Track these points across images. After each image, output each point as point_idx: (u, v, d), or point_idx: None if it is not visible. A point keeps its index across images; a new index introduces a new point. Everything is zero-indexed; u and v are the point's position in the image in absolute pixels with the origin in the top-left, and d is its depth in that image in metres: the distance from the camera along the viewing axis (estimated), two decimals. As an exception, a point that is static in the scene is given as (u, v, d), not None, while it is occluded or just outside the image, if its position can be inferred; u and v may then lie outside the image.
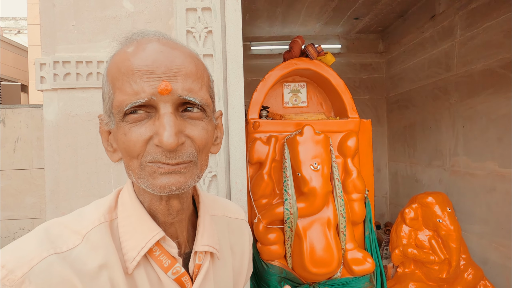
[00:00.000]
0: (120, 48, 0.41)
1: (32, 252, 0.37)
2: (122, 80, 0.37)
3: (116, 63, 0.39)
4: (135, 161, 0.39)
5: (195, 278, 0.45)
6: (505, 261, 2.02)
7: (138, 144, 0.38)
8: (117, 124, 0.39)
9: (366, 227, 1.74)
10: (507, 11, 1.97)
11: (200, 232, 0.47)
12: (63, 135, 1.02)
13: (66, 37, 1.03)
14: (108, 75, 0.40)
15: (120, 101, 0.37)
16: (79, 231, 0.40)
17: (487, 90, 2.15)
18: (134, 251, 0.41)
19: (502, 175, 2.04)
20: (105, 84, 0.40)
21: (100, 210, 0.43)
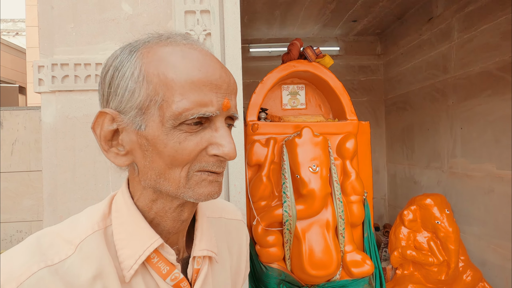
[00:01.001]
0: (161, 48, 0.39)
1: (22, 266, 0.36)
2: (189, 87, 0.36)
3: (176, 67, 0.37)
4: (178, 170, 0.38)
5: (194, 283, 0.45)
6: (504, 263, 2.03)
7: (193, 153, 0.38)
8: (167, 130, 0.37)
9: (365, 229, 1.74)
10: (503, 14, 1.98)
11: (198, 237, 0.47)
12: (61, 137, 1.02)
13: (65, 39, 1.03)
14: (156, 75, 0.37)
15: (184, 108, 0.36)
16: (71, 240, 0.39)
17: (484, 92, 2.16)
18: (132, 259, 0.40)
19: (500, 177, 2.05)
20: (143, 81, 0.37)
21: (94, 217, 0.42)
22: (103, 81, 0.40)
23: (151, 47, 0.39)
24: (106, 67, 0.40)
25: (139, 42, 0.40)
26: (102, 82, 0.41)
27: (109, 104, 0.40)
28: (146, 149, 0.38)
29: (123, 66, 0.38)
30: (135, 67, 0.38)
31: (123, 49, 0.40)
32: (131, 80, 0.38)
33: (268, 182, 1.64)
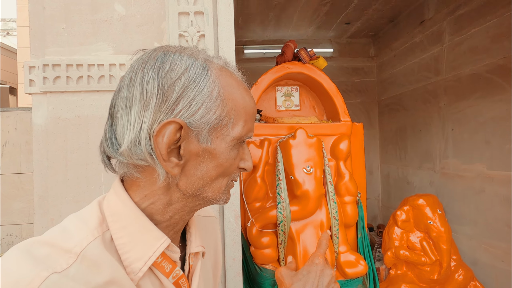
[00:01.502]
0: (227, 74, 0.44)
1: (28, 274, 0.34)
2: (248, 117, 0.44)
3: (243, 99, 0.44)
4: (221, 179, 0.44)
5: (190, 279, 0.48)
6: (494, 262, 2.06)
7: (236, 166, 0.45)
8: (230, 147, 0.43)
9: (359, 230, 1.75)
10: (493, 17, 2.03)
11: (193, 234, 0.50)
12: (52, 139, 1.00)
13: (56, 40, 1.02)
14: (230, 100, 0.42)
15: (245, 132, 0.44)
16: (70, 249, 0.37)
17: (474, 94, 2.20)
18: (140, 262, 0.40)
19: (490, 177, 2.09)
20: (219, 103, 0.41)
21: (90, 224, 0.40)
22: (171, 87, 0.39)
23: (220, 71, 0.43)
24: (175, 73, 0.40)
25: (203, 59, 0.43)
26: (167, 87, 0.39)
27: (175, 113, 0.39)
28: (203, 161, 0.42)
29: (200, 81, 0.40)
30: (214, 87, 0.41)
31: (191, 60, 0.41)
32: (209, 98, 0.41)
33: (262, 183, 1.64)
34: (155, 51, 0.42)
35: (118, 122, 0.41)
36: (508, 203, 1.95)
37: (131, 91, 0.40)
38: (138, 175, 0.42)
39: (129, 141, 0.39)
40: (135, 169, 0.42)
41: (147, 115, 0.39)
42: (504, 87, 1.97)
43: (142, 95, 0.39)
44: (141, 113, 0.39)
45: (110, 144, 0.42)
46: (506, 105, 1.95)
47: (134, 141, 0.39)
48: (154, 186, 0.42)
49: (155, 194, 0.42)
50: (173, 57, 0.41)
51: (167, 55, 0.41)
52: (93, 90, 1.02)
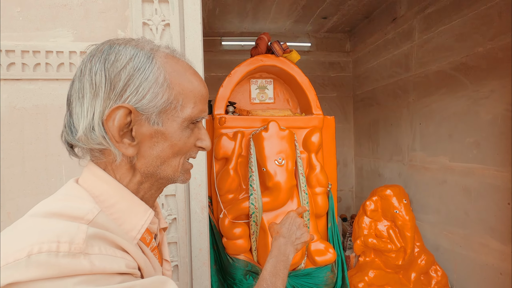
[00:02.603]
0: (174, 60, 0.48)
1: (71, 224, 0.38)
2: (198, 99, 0.48)
3: (190, 82, 0.48)
4: (178, 159, 0.48)
5: (160, 250, 0.54)
6: (454, 247, 2.21)
7: (192, 145, 0.50)
8: (182, 128, 0.47)
9: (329, 220, 1.81)
10: (458, 17, 2.13)
11: (160, 212, 0.57)
12: (7, 129, 0.95)
13: (10, 24, 0.96)
14: (177, 84, 0.46)
15: (196, 113, 0.48)
16: (82, 217, 0.40)
17: (440, 90, 2.32)
18: (134, 231, 0.46)
19: (452, 169, 2.22)
20: (166, 87, 0.45)
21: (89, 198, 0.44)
22: (117, 76, 0.43)
23: (166, 59, 0.47)
24: (120, 63, 0.43)
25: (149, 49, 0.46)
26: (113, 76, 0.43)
27: (123, 99, 0.43)
28: (157, 141, 0.46)
29: (145, 69, 0.44)
30: (159, 74, 0.45)
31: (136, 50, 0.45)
32: (155, 84, 0.44)
33: (235, 175, 1.65)
34: (102, 44, 0.46)
35: (74, 111, 0.45)
36: (467, 193, 2.09)
37: (82, 83, 0.44)
38: (104, 159, 0.47)
39: (84, 128, 0.44)
40: (99, 153, 0.47)
41: (98, 103, 0.43)
42: (466, 84, 2.09)
43: (91, 85, 0.43)
44: (92, 102, 0.43)
45: (70, 132, 0.46)
46: (467, 101, 2.07)
47: (88, 127, 0.44)
48: (123, 168, 0.47)
49: (125, 175, 0.47)
50: (118, 48, 0.45)
51: (112, 47, 0.45)
52: (51, 78, 0.97)
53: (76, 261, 0.35)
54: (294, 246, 0.79)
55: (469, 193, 2.08)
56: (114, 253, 0.39)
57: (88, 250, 0.37)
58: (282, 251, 0.76)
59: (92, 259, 0.37)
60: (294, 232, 0.81)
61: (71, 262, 0.35)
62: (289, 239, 0.79)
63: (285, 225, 0.83)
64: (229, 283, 1.62)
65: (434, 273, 2.12)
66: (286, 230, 0.81)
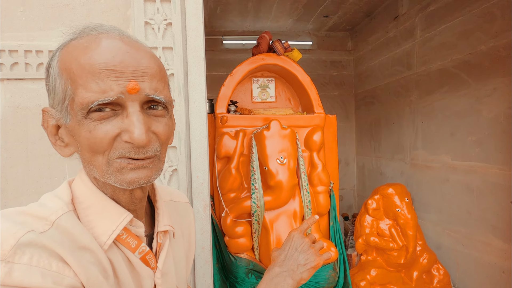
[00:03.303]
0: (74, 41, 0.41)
1: (9, 229, 0.35)
2: (86, 77, 0.38)
3: (76, 59, 0.39)
4: (100, 157, 0.40)
5: (158, 256, 0.50)
6: (456, 246, 2.21)
7: (105, 141, 0.39)
8: (79, 120, 0.39)
9: (331, 218, 1.81)
10: (460, 15, 2.12)
11: (160, 215, 0.51)
12: (11, 129, 0.96)
13: (13, 24, 0.96)
14: (64, 70, 0.39)
15: (85, 98, 0.38)
16: (46, 217, 0.39)
17: (442, 88, 2.31)
18: (104, 236, 0.42)
19: (454, 167, 2.22)
20: (58, 78, 0.40)
21: (64, 198, 0.43)
22: (46, 82, 0.43)
23: (68, 43, 0.41)
24: (46, 69, 0.43)
25: (67, 38, 0.42)
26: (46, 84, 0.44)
27: (49, 102, 0.43)
28: (77, 140, 0.41)
29: (50, 65, 0.42)
30: (55, 64, 0.41)
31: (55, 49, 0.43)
32: (54, 77, 0.41)
33: (237, 174, 1.65)
34: None
35: None
36: (469, 191, 2.09)
37: None
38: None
39: None
40: None
41: None
42: (468, 82, 2.08)
43: None
44: None
45: None
46: (470, 99, 2.07)
47: None
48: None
49: (90, 175, 0.45)
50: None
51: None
52: (54, 78, 0.98)
53: None
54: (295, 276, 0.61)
55: (471, 191, 2.07)
56: (48, 266, 0.35)
57: (15, 258, 0.34)
58: (273, 286, 0.58)
59: (14, 268, 0.33)
60: (295, 259, 0.63)
61: None
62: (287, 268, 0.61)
63: (284, 250, 0.65)
64: (231, 281, 1.63)
65: (436, 272, 2.12)
66: (284, 256, 0.63)
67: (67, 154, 0.44)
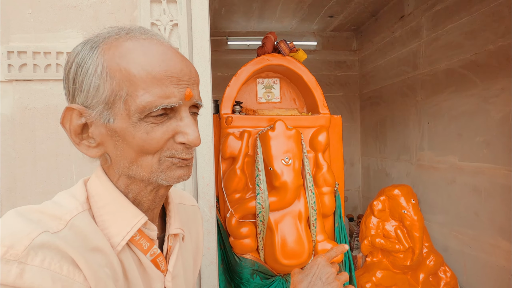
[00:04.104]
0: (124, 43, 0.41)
1: (24, 229, 0.36)
2: (151, 82, 0.40)
3: (136, 62, 0.40)
4: (150, 157, 0.42)
5: (168, 258, 0.50)
6: (463, 248, 2.18)
7: (161, 142, 0.41)
8: (134, 122, 0.40)
9: (336, 219, 1.80)
10: (467, 14, 2.09)
11: (172, 217, 0.51)
12: (19, 129, 0.97)
13: (22, 25, 0.97)
14: (117, 70, 0.40)
15: (148, 102, 0.39)
16: (60, 216, 0.39)
17: (449, 89, 2.28)
18: (118, 236, 0.42)
19: (461, 168, 2.19)
20: (105, 77, 0.40)
21: (79, 198, 0.43)
22: (67, 77, 0.42)
23: (111, 43, 0.41)
24: (69, 64, 0.42)
25: (100, 38, 0.42)
26: (66, 78, 0.42)
27: (75, 99, 0.42)
28: (117, 140, 0.42)
29: (85, 63, 0.40)
30: (98, 63, 0.40)
31: (84, 45, 0.42)
32: (95, 76, 0.40)
33: (242, 174, 1.65)
34: None
35: None
36: (477, 193, 2.06)
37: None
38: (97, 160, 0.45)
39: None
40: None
41: None
42: (476, 82, 2.05)
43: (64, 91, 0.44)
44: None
45: None
46: (477, 99, 2.04)
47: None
48: (110, 169, 0.45)
49: (113, 177, 0.45)
50: (74, 48, 0.43)
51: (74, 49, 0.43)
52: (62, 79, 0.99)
53: (4, 268, 0.33)
54: None
55: (479, 193, 2.04)
56: (59, 269, 0.35)
57: (28, 259, 0.34)
58: None
59: (25, 270, 0.33)
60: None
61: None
62: None
63: (308, 277, 0.59)
64: (236, 282, 1.63)
65: (443, 274, 2.09)
66: (306, 285, 0.58)
67: (95, 155, 0.43)
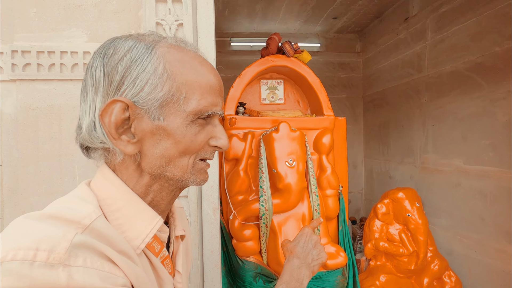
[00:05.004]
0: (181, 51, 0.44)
1: (56, 232, 0.34)
2: (207, 90, 0.43)
3: (196, 72, 0.43)
4: (187, 158, 0.43)
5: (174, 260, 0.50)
6: (468, 252, 2.15)
7: (202, 143, 0.44)
8: (187, 123, 0.42)
9: (340, 222, 1.78)
10: (473, 16, 2.08)
11: (177, 219, 0.52)
12: (22, 129, 0.96)
13: (26, 25, 0.97)
14: (178, 74, 0.42)
15: (204, 106, 0.43)
16: (79, 221, 0.37)
17: (454, 91, 2.26)
18: (138, 239, 0.42)
19: (466, 172, 2.17)
20: (166, 78, 0.41)
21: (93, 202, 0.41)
22: (114, 69, 0.41)
23: (169, 48, 0.43)
24: (118, 55, 0.41)
25: (151, 40, 0.43)
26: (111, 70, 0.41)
27: (120, 92, 0.41)
28: (160, 139, 0.42)
29: (143, 60, 0.41)
30: (158, 64, 0.41)
31: (135, 42, 0.42)
32: (154, 75, 0.41)
33: (245, 176, 1.64)
34: (107, 41, 0.44)
35: (80, 110, 0.44)
36: (483, 196, 2.03)
37: (86, 80, 0.43)
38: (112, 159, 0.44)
39: (87, 126, 0.42)
40: (107, 153, 0.44)
41: (98, 99, 0.41)
42: (481, 85, 2.03)
43: (92, 81, 0.42)
44: (93, 98, 0.42)
45: (78, 132, 0.44)
46: (483, 102, 2.02)
47: (90, 125, 0.42)
48: (129, 169, 0.44)
49: (132, 176, 0.44)
50: (118, 42, 0.43)
51: (113, 41, 0.43)
52: (66, 79, 0.98)
53: (51, 273, 0.32)
54: (310, 268, 0.67)
55: (485, 197, 2.02)
56: (101, 267, 0.35)
57: (70, 261, 0.33)
58: (295, 276, 0.64)
59: (72, 272, 0.33)
60: (309, 251, 0.69)
61: (46, 274, 0.31)
62: (304, 260, 0.68)
63: (300, 244, 0.70)
64: (239, 285, 1.61)
65: (448, 279, 2.06)
66: (301, 249, 0.68)
67: (132, 151, 0.42)
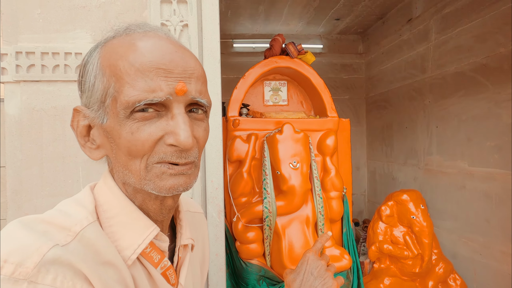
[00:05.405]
0: (119, 38, 0.39)
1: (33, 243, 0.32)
2: (134, 75, 0.36)
3: (123, 56, 0.37)
4: (137, 162, 0.38)
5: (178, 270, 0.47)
6: (473, 255, 2.13)
7: (147, 143, 0.37)
8: (120, 121, 0.37)
9: (344, 225, 1.77)
10: (477, 17, 2.06)
11: (184, 226, 0.48)
12: (26, 131, 0.95)
13: (30, 26, 0.96)
14: (107, 66, 0.37)
15: (131, 97, 0.36)
16: (69, 227, 0.36)
17: (458, 92, 2.25)
18: (129, 250, 0.39)
19: (471, 174, 2.15)
20: (98, 75, 0.38)
21: (89, 207, 0.40)
22: (79, 77, 0.42)
23: (110, 40, 0.40)
24: (83, 62, 0.42)
25: (104, 37, 0.42)
26: (80, 77, 0.42)
27: (82, 101, 0.42)
28: (111, 142, 0.39)
29: (88, 62, 0.40)
30: (95, 61, 0.39)
31: (94, 45, 0.42)
32: (92, 74, 0.39)
33: (249, 178, 1.63)
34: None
35: None
36: (487, 198, 2.01)
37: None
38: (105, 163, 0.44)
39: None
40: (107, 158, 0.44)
41: None
42: (487, 86, 2.02)
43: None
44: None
45: None
46: (488, 103, 2.00)
47: None
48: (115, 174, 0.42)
49: (118, 182, 0.42)
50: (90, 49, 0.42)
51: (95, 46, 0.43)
52: (70, 80, 0.97)
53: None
54: None
55: (490, 199, 2.00)
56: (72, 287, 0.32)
57: (38, 278, 0.30)
58: None
59: None
60: (311, 285, 0.59)
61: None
62: None
63: (300, 275, 0.61)
64: None
65: (453, 282, 2.04)
66: (299, 283, 0.60)
67: (97, 157, 0.41)
